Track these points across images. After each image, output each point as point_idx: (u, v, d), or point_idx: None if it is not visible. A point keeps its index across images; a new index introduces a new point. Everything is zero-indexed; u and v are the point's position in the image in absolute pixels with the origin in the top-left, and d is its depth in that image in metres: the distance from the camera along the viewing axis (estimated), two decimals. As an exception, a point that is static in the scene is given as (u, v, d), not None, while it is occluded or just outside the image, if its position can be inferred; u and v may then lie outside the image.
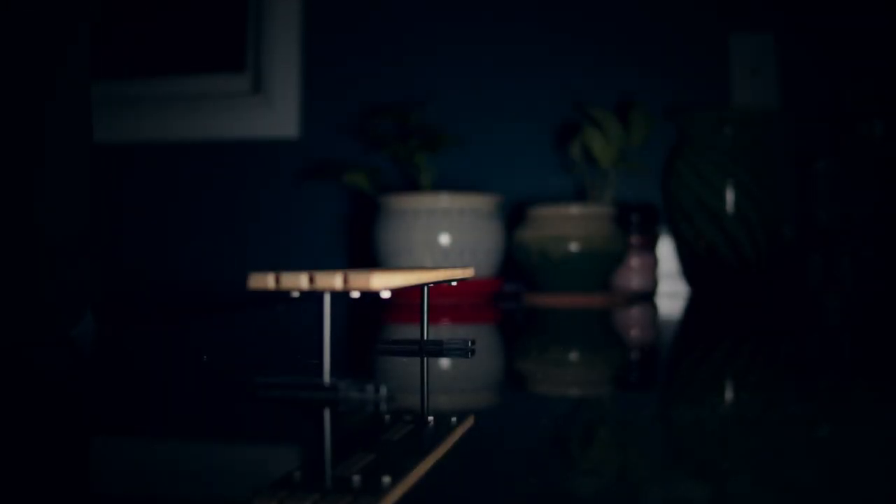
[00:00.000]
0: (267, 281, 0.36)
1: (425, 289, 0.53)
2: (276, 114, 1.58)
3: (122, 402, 0.42)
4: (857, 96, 1.31)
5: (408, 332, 0.73)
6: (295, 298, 0.36)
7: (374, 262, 1.27)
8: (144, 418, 0.38)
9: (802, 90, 1.40)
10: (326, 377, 0.37)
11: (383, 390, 0.37)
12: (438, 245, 1.18)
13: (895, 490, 0.26)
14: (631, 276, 1.30)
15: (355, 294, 0.35)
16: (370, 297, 0.38)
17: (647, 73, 1.45)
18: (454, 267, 0.55)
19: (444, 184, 1.38)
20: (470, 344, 0.55)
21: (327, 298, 0.36)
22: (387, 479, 0.25)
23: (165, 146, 1.63)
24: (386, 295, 0.36)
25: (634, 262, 1.30)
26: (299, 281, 0.35)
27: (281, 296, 0.36)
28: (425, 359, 0.53)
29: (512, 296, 1.28)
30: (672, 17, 1.47)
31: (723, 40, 1.43)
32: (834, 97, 1.36)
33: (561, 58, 1.49)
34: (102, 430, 0.36)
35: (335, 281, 0.35)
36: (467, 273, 0.56)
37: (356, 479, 0.25)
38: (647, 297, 1.30)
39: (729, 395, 0.45)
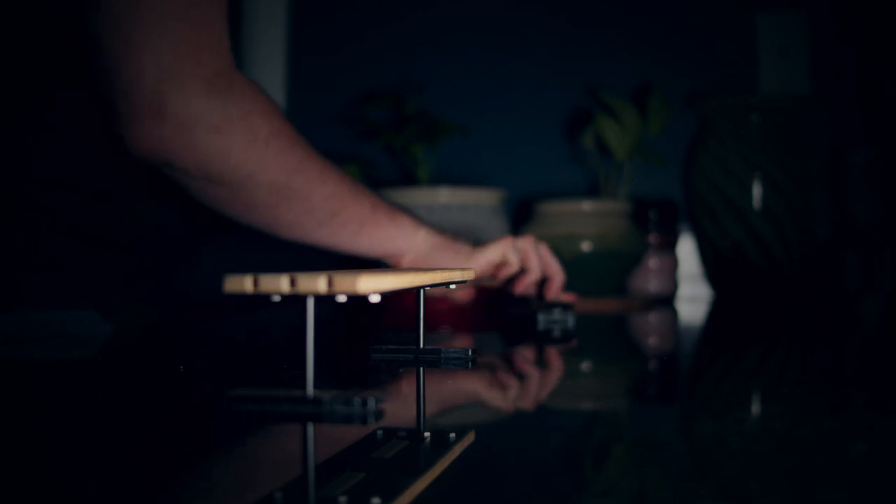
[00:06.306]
0: (244, 283, 0.35)
1: (421, 292, 0.53)
2: (258, 101, 1.58)
3: (87, 417, 0.41)
4: (896, 81, 1.31)
5: (402, 339, 0.73)
6: (276, 303, 0.36)
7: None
8: (111, 435, 0.38)
9: (836, 74, 1.40)
10: (310, 389, 0.37)
11: (371, 403, 0.37)
12: (437, 244, 1.18)
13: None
14: (649, 279, 1.30)
15: (341, 298, 0.35)
16: (360, 301, 0.38)
17: (667, 57, 1.45)
18: (453, 268, 0.55)
19: (444, 177, 1.38)
20: (470, 353, 0.55)
21: (311, 302, 0.36)
22: (377, 501, 0.25)
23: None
24: (375, 299, 0.36)
25: (653, 262, 1.30)
26: (279, 283, 0.35)
27: (261, 300, 0.36)
28: (421, 369, 0.53)
29: (517, 300, 1.28)
30: (693, -6, 1.47)
31: (749, 19, 1.43)
32: (871, 82, 1.36)
33: (572, 40, 1.49)
34: (65, 446, 0.35)
35: (319, 284, 0.35)
36: (468, 275, 0.56)
37: (343, 500, 0.25)
38: (666, 301, 1.30)
39: (756, 409, 0.45)
